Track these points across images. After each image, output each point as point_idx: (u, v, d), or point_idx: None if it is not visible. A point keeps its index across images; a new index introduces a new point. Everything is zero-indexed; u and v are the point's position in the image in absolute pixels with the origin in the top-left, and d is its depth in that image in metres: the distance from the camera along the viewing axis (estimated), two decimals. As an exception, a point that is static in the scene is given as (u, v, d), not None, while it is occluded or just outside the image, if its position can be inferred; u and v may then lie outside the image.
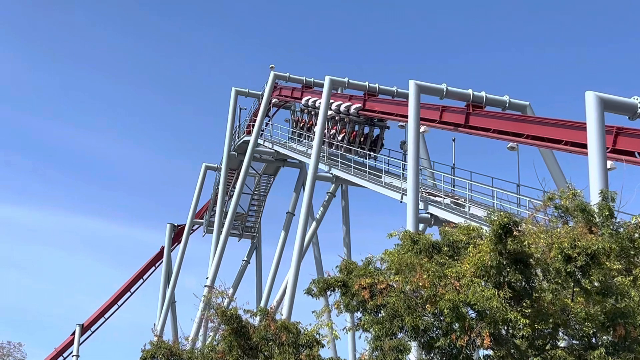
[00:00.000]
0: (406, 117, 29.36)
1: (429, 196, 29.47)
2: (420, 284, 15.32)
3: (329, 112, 38.16)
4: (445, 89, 29.30)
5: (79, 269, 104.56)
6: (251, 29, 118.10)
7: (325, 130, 38.98)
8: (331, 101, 38.84)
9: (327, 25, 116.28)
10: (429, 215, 28.15)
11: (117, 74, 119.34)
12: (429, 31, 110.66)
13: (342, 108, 37.39)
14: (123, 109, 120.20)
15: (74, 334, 58.79)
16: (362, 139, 38.28)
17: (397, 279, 16.14)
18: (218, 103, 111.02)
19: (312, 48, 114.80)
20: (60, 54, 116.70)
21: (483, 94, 29.25)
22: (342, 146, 37.07)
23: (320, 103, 38.73)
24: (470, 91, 29.17)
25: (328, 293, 17.68)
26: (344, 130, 38.09)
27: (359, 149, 37.09)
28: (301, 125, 43.49)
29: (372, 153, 37.38)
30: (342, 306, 16.94)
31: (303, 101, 41.52)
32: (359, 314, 17.00)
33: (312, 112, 41.41)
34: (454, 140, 33.24)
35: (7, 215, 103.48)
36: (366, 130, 38.46)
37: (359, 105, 36.81)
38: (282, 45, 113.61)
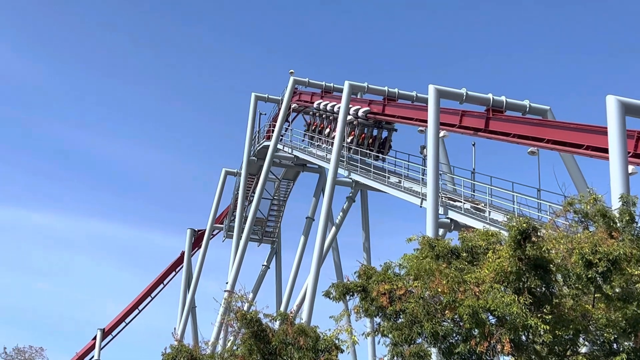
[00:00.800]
0: (426, 121, 29.32)
1: (448, 201, 29.40)
2: (440, 289, 15.29)
3: (333, 115, 39.06)
4: (465, 94, 29.26)
5: (100, 274, 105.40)
6: (270, 35, 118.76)
7: (335, 133, 39.20)
8: (334, 103, 39.73)
9: (345, 30, 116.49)
10: (448, 220, 28.07)
11: (137, 81, 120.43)
12: (448, 35, 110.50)
13: (351, 111, 37.99)
14: (145, 115, 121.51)
15: (95, 338, 59.21)
16: (370, 142, 38.69)
17: (416, 284, 16.13)
18: (238, 109, 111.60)
19: (331, 53, 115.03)
20: (78, 59, 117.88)
21: (503, 98, 29.17)
22: (351, 148, 37.61)
23: (334, 107, 39.51)
24: (490, 95, 29.10)
25: (347, 298, 17.69)
26: (352, 133, 38.59)
27: (367, 151, 37.50)
28: (313, 128, 43.63)
29: (380, 155, 37.90)
30: (361, 311, 16.95)
31: (315, 104, 41.76)
32: (378, 319, 17.01)
33: (324, 116, 41.79)
34: (473, 145, 33.14)
35: (30, 221, 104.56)
36: (374, 132, 38.83)
37: (367, 108, 37.35)
38: (301, 51, 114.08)
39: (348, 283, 17.34)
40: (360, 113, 37.56)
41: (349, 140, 38.40)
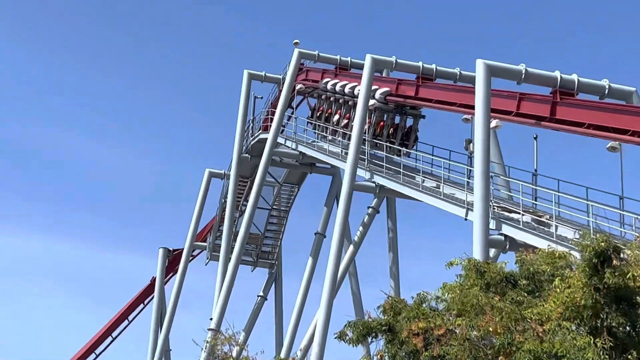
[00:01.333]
0: (472, 107, 29.26)
1: (502, 212, 29.32)
2: (491, 328, 15.31)
3: (344, 98, 40.06)
4: (524, 71, 29.19)
5: (45, 306, 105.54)
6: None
7: (346, 121, 40.36)
8: (345, 83, 40.04)
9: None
10: (502, 238, 27.98)
11: (87, 54, 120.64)
12: (496, 5, 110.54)
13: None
14: (100, 100, 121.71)
15: (39, 390, 59.57)
16: (390, 131, 39.01)
17: (459, 322, 16.13)
18: (226, 91, 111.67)
19: (344, 20, 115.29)
20: (32, 40, 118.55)
21: (574, 77, 29.07)
22: (366, 140, 37.57)
23: (345, 87, 39.94)
24: (557, 74, 29.02)
25: (369, 339, 17.70)
26: (368, 121, 38.61)
27: (386, 143, 37.88)
28: (319, 114, 43.90)
29: (404, 149, 38.25)
30: (386, 357, 16.95)
31: (322, 84, 42.08)
32: (409, 369, 16.99)
33: (332, 98, 42.18)
34: (535, 139, 33.01)
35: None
36: (396, 120, 39.16)
37: (386, 89, 37.62)
38: (306, 18, 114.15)
39: (370, 321, 17.36)
40: (377, 95, 37.81)
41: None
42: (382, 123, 38.86)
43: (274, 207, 54.35)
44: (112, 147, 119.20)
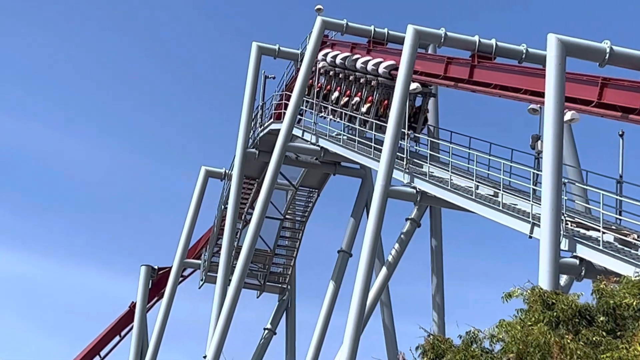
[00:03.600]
0: (542, 95, 29.28)
1: (577, 229, 29.30)
2: (560, 376, 15.34)
3: (345, 73, 42.53)
4: (608, 50, 29.11)
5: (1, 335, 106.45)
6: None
7: (346, 98, 42.61)
8: (346, 54, 42.71)
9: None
10: (576, 261, 27.99)
11: (69, 32, 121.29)
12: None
13: (369, 66, 40.74)
14: (79, 85, 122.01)
15: None
16: None
17: (520, 367, 16.18)
18: (229, 71, 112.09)
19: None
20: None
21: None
22: (367, 120, 40.52)
23: (347, 59, 42.44)
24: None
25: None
26: (370, 99, 41.16)
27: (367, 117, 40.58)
28: (317, 90, 44.69)
29: (411, 132, 39.72)
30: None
31: (321, 55, 43.20)
32: None
33: (332, 73, 43.75)
34: (622, 136, 32.97)
35: None
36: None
37: (391, 62, 39.72)
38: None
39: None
40: (381, 69, 40.22)
41: (364, 109, 41.64)
42: (385, 102, 40.86)
43: (287, 216, 54.57)
44: (81, 137, 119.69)
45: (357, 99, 42.33)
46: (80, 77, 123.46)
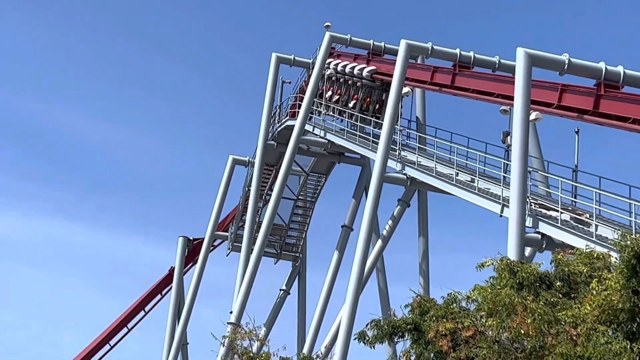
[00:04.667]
0: (511, 98, 29.22)
1: (539, 209, 29.29)
2: (523, 331, 15.35)
3: (332, 75, 44.35)
4: (567, 61, 29.03)
5: (58, 294, 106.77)
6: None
7: (338, 96, 44.65)
8: (338, 61, 44.65)
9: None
10: (539, 236, 28.00)
11: (113, 37, 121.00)
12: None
13: (355, 71, 42.75)
14: (125, 84, 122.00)
15: (50, 381, 60.12)
16: (376, 107, 43.26)
17: (490, 323, 16.19)
18: (252, 76, 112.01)
19: (378, 5, 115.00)
20: (42, 16, 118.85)
21: (620, 69, 28.89)
22: (353, 114, 42.43)
23: (344, 66, 43.72)
24: (602, 65, 28.86)
25: (395, 339, 17.79)
26: (355, 97, 43.35)
27: (372, 118, 41.43)
28: (319, 93, 44.91)
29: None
30: (412, 358, 17.04)
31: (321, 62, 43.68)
32: (436, 370, 17.09)
33: (334, 78, 44.90)
34: (577, 133, 32.93)
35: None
36: (383, 97, 42.81)
37: (373, 67, 42.09)
38: (337, 2, 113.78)
39: (395, 320, 17.44)
40: (365, 73, 42.36)
41: (351, 105, 43.56)
42: (368, 99, 43.31)
43: (300, 197, 54.54)
44: (134, 132, 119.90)
45: (345, 96, 44.22)
46: (131, 81, 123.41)
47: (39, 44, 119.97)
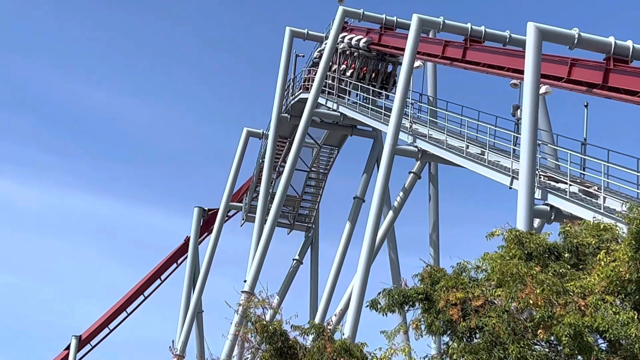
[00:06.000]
0: (521, 72, 29.11)
1: (548, 181, 29.24)
2: (531, 301, 15.35)
3: (346, 49, 44.58)
4: (576, 36, 28.89)
5: (76, 263, 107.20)
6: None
7: (336, 66, 44.99)
8: (346, 34, 44.78)
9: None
10: (547, 208, 27.97)
11: (131, 10, 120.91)
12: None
13: (353, 42, 43.67)
14: (140, 55, 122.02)
15: (68, 348, 60.44)
16: (372, 76, 44.39)
17: (499, 293, 16.20)
18: (266, 49, 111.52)
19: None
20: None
21: (629, 43, 28.69)
22: (351, 82, 43.35)
23: (349, 38, 44.07)
24: (612, 39, 28.69)
25: (406, 308, 17.83)
26: (353, 66, 44.14)
27: (369, 87, 42.50)
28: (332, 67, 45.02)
29: (384, 92, 43.88)
30: (423, 327, 17.07)
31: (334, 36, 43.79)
32: (445, 338, 17.11)
33: (341, 51, 45.00)
34: (586, 106, 32.79)
35: None
36: (379, 66, 44.55)
37: (369, 38, 43.12)
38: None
39: (406, 289, 17.46)
40: (361, 44, 43.43)
41: (348, 74, 44.28)
42: (364, 69, 44.22)
43: (313, 169, 54.56)
44: (149, 103, 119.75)
45: (343, 66, 44.79)
46: (147, 54, 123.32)
47: (61, 15, 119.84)
